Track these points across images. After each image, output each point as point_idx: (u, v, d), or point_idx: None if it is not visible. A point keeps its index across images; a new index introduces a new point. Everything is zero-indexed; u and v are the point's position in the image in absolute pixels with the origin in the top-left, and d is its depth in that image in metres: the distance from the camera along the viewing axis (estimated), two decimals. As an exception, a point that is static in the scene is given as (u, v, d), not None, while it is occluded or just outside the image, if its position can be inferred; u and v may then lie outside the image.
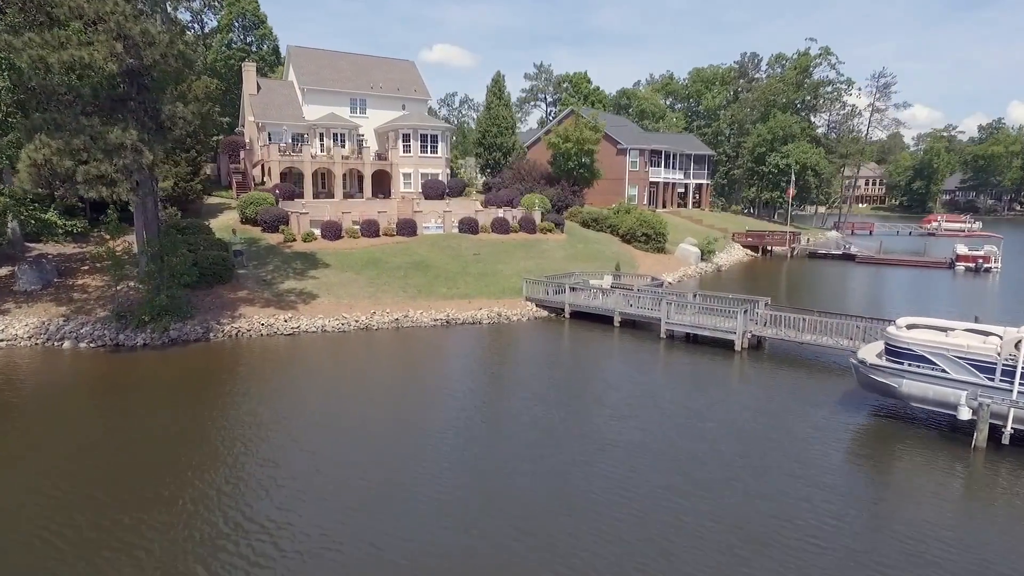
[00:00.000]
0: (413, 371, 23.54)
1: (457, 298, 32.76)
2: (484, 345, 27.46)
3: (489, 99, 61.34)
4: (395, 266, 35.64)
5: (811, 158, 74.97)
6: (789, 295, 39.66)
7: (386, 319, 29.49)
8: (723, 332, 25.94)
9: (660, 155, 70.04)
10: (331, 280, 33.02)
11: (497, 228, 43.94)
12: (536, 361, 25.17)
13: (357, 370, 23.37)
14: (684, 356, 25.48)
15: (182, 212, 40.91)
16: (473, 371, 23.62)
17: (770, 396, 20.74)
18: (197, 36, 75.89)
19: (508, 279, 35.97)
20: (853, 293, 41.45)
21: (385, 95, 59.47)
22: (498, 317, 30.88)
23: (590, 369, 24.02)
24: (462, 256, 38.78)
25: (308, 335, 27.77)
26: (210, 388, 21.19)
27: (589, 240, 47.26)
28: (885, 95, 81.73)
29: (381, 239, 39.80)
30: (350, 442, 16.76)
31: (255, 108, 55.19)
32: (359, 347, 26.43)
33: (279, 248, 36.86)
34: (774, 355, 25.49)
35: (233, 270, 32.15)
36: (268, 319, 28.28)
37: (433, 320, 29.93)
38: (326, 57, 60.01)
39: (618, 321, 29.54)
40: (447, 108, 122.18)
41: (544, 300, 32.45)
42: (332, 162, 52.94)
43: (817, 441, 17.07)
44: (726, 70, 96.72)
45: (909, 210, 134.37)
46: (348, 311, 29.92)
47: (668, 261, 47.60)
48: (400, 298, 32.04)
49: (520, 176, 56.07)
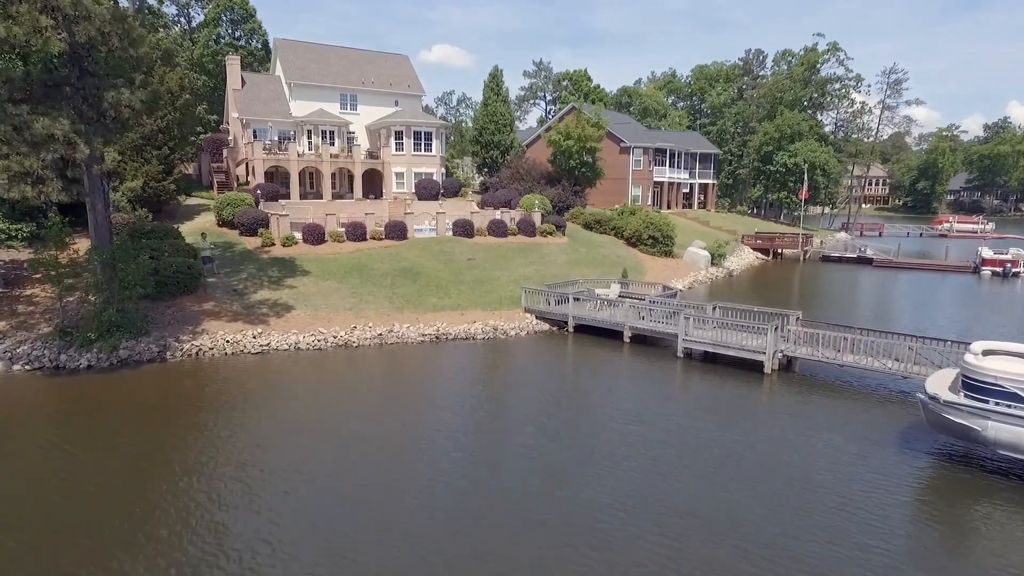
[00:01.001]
0: (394, 401, 20.06)
1: (448, 309, 29.29)
2: (477, 366, 24.00)
3: (486, 95, 57.86)
4: (381, 273, 32.17)
5: (820, 157, 71.60)
6: (809, 303, 36.19)
7: (368, 335, 26.02)
8: (750, 352, 22.48)
9: (664, 153, 66.60)
10: (310, 290, 29.56)
11: (494, 231, 40.50)
12: (536, 387, 21.68)
13: (330, 400, 19.89)
14: (706, 379, 22.03)
15: (154, 214, 37.52)
16: (463, 401, 20.14)
17: (815, 431, 17.30)
18: (184, 31, 72.50)
19: (505, 287, 32.52)
20: (877, 301, 37.98)
21: (377, 90, 56.03)
22: (494, 331, 27.41)
23: (599, 398, 20.55)
24: (455, 262, 35.32)
25: (279, 354, 24.29)
26: (157, 421, 17.71)
27: (592, 243, 43.82)
28: (896, 92, 78.27)
29: (368, 243, 36.33)
30: (315, 505, 13.30)
31: (239, 104, 51.73)
32: (335, 369, 22.95)
33: (255, 254, 33.38)
34: (808, 378, 22.03)
35: (201, 279, 28.69)
36: (235, 335, 24.81)
37: (421, 336, 26.46)
38: (315, 51, 56.53)
39: (628, 336, 26.11)
40: (444, 107, 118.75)
41: (545, 312, 29.00)
42: (320, 161, 49.52)
43: (885, 494, 13.64)
44: (730, 67, 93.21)
45: (913, 211, 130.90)
46: (326, 325, 26.46)
47: (676, 266, 44.16)
48: (385, 310, 28.57)
49: (519, 176, 52.61)
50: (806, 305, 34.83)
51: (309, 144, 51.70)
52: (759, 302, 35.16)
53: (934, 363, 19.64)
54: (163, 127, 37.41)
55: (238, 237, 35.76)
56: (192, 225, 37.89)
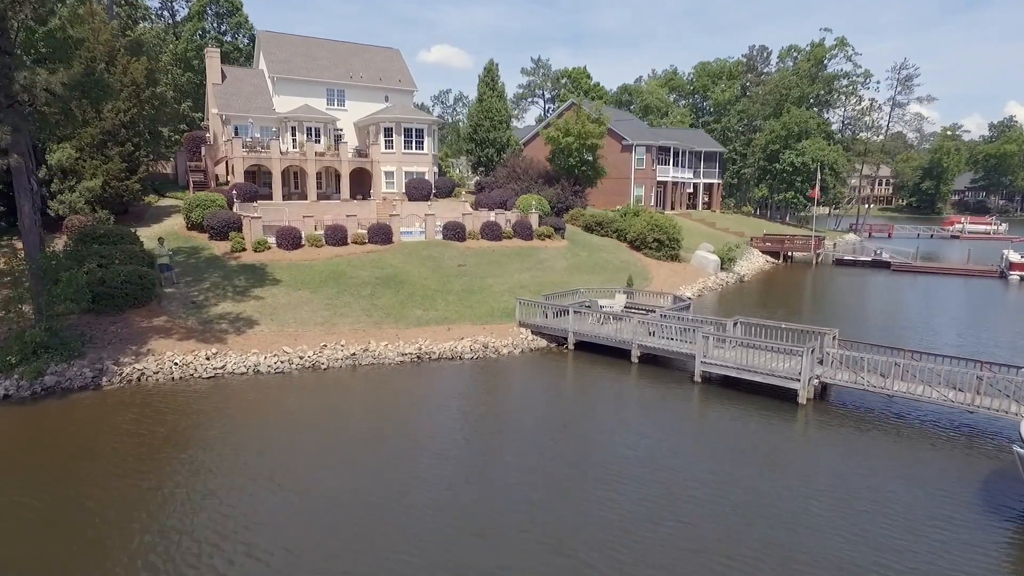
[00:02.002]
0: (364, 442, 16.57)
1: (434, 324, 25.81)
2: (462, 393, 20.51)
3: (481, 90, 54.35)
4: (361, 282, 28.70)
5: (829, 156, 68.09)
6: (834, 314, 32.75)
7: (340, 355, 22.52)
8: (780, 377, 19.00)
9: (668, 152, 63.14)
10: (278, 301, 26.08)
11: (487, 234, 37.02)
12: (531, 422, 18.18)
13: (289, 440, 16.40)
14: (729, 410, 18.56)
15: (117, 216, 34.07)
16: (444, 441, 16.67)
17: (876, 481, 13.83)
18: (168, 25, 69.00)
19: (498, 297, 29.06)
20: (906, 310, 34.47)
21: (366, 85, 52.51)
22: (484, 349, 23.92)
23: (606, 436, 17.05)
24: (444, 268, 31.85)
25: (235, 379, 20.81)
26: (78, 467, 14.23)
27: (593, 247, 40.35)
28: (907, 88, 74.74)
29: (349, 248, 32.85)
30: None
31: (218, 99, 48.24)
32: (299, 398, 19.47)
33: (223, 260, 29.91)
34: (849, 410, 18.58)
35: (155, 289, 25.21)
36: (185, 356, 21.33)
37: (401, 355, 22.96)
38: (300, 43, 53.03)
39: (637, 356, 22.64)
40: (441, 106, 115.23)
41: (542, 326, 25.50)
42: (305, 159, 46.00)
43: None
44: (734, 64, 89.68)
45: (918, 211, 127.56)
46: (293, 343, 22.98)
47: (684, 271, 40.69)
48: (362, 324, 25.08)
49: (515, 175, 49.14)
50: (829, 316, 31.44)
51: (293, 142, 48.27)
52: (779, 313, 31.82)
53: (1007, 394, 16.23)
54: (126, 121, 33.92)
55: (207, 241, 32.31)
56: (160, 228, 34.46)
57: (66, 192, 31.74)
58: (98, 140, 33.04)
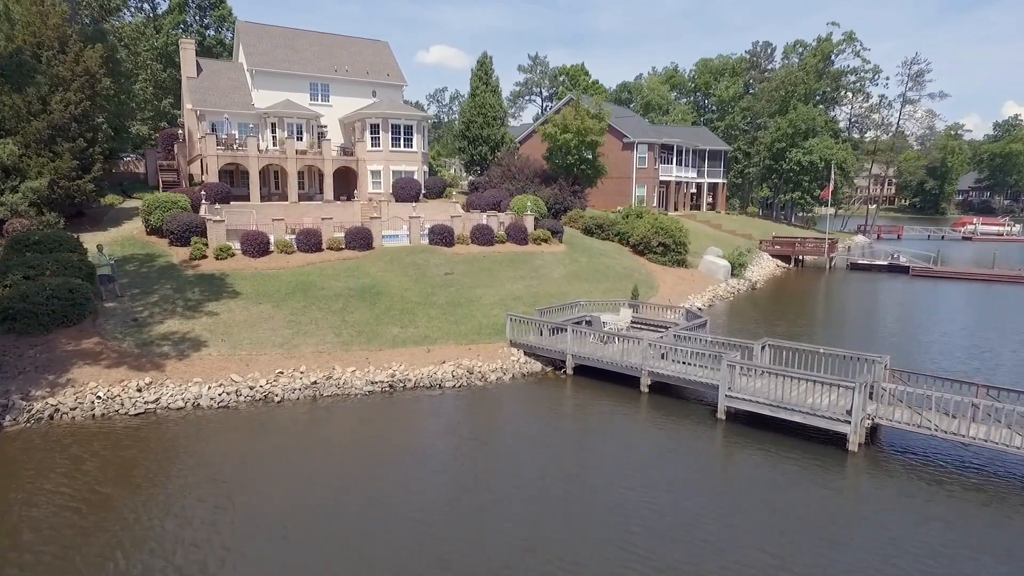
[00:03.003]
0: (318, 504, 12.95)
1: (412, 344, 22.18)
2: (439, 434, 16.87)
3: (474, 84, 50.69)
4: (333, 294, 25.08)
5: (838, 154, 64.56)
6: (863, 329, 29.25)
7: (299, 384, 18.90)
8: (825, 418, 15.41)
9: (671, 150, 59.53)
10: (235, 317, 22.46)
11: (478, 238, 33.40)
12: (520, 474, 14.56)
13: (224, 500, 12.79)
14: (762, 457, 14.97)
15: (69, 220, 30.51)
16: (414, 503, 13.05)
17: (972, 562, 10.31)
18: (148, 18, 65.27)
19: (488, 311, 25.47)
20: (943, 324, 30.71)
21: (352, 79, 48.85)
22: (469, 376, 20.29)
23: (612, 493, 13.42)
24: (428, 277, 28.25)
25: (170, 415, 17.20)
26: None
27: (593, 252, 36.75)
28: (918, 84, 71.13)
29: (324, 254, 29.24)
30: None
31: (193, 93, 44.60)
32: (241, 442, 15.86)
33: (179, 269, 26.30)
34: (908, 458, 15.00)
35: (90, 305, 21.59)
36: (112, 387, 17.73)
37: (370, 384, 19.33)
38: (282, 35, 49.37)
39: (647, 384, 19.05)
40: (437, 104, 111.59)
41: (536, 347, 21.87)
42: (285, 157, 42.42)
43: None
44: (736, 60, 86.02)
45: (921, 211, 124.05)
46: (244, 369, 19.37)
47: (692, 278, 37.10)
48: (329, 345, 21.46)
49: (510, 174, 45.51)
50: (860, 331, 27.92)
51: (273, 139, 44.66)
52: (801, 326, 28.32)
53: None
54: (78, 115, 30.27)
55: (167, 248, 28.69)
56: (117, 233, 30.85)
57: (7, 193, 28.12)
58: (46, 135, 29.42)
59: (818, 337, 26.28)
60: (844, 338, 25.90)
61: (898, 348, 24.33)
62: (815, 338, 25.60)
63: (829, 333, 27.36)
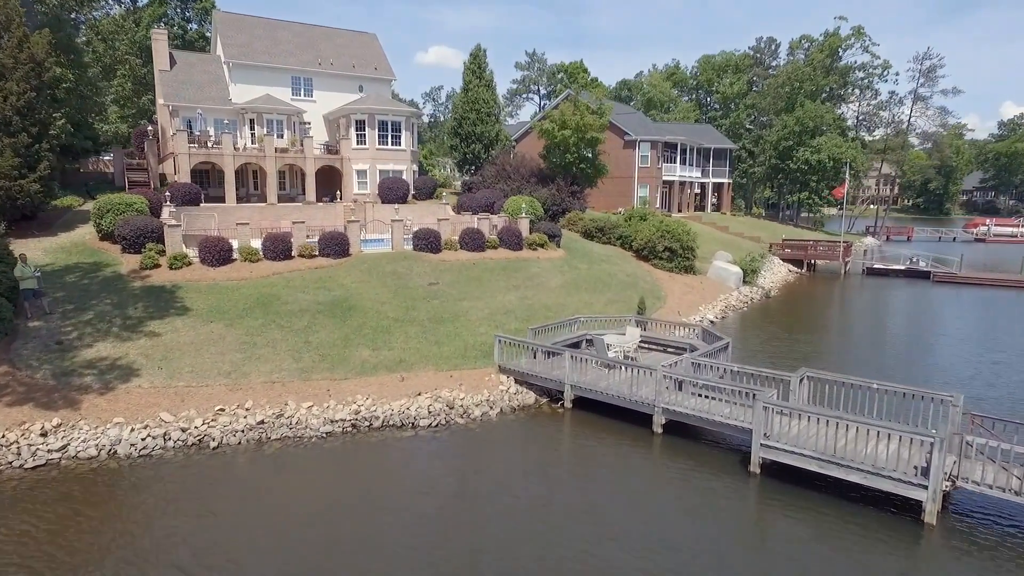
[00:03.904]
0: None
1: (384, 370, 18.77)
2: (413, 492, 13.44)
3: (467, 78, 47.25)
4: (298, 309, 21.68)
5: (847, 153, 61.25)
6: (905, 351, 25.93)
7: (242, 424, 15.51)
8: (891, 478, 12.02)
9: (675, 149, 56.13)
10: (179, 339, 19.06)
11: (468, 243, 30.00)
12: (506, 556, 11.21)
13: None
14: (809, 528, 11.61)
15: (12, 224, 27.07)
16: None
17: None
18: (127, 10, 61.81)
19: (475, 328, 22.10)
20: (995, 342, 27.42)
21: (337, 73, 45.44)
22: (448, 411, 16.89)
23: (621, 571, 10.10)
24: (410, 288, 24.86)
25: (75, 467, 13.81)
26: None
27: (594, 257, 33.37)
28: (931, 80, 67.72)
29: (293, 263, 25.84)
30: None
31: (165, 87, 41.21)
32: (153, 508, 12.47)
33: (127, 280, 22.88)
34: (1002, 531, 11.66)
35: (6, 325, 18.21)
36: (8, 431, 14.34)
37: (329, 423, 15.94)
38: (262, 26, 45.95)
39: (661, 424, 15.68)
40: (433, 103, 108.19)
41: (529, 373, 18.46)
42: (263, 156, 39.04)
43: None
44: (740, 56, 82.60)
45: (925, 212, 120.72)
46: (177, 405, 15.99)
47: (701, 286, 33.73)
48: (285, 373, 18.06)
49: (505, 173, 42.09)
50: (900, 353, 24.56)
51: (252, 136, 41.27)
52: (831, 343, 24.96)
53: None
54: (20, 107, 26.87)
55: (119, 255, 25.29)
56: (68, 238, 27.45)
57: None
58: None
59: (853, 360, 22.94)
60: (885, 362, 22.57)
61: (951, 375, 21.03)
62: (849, 360, 22.29)
63: (864, 355, 23.92)
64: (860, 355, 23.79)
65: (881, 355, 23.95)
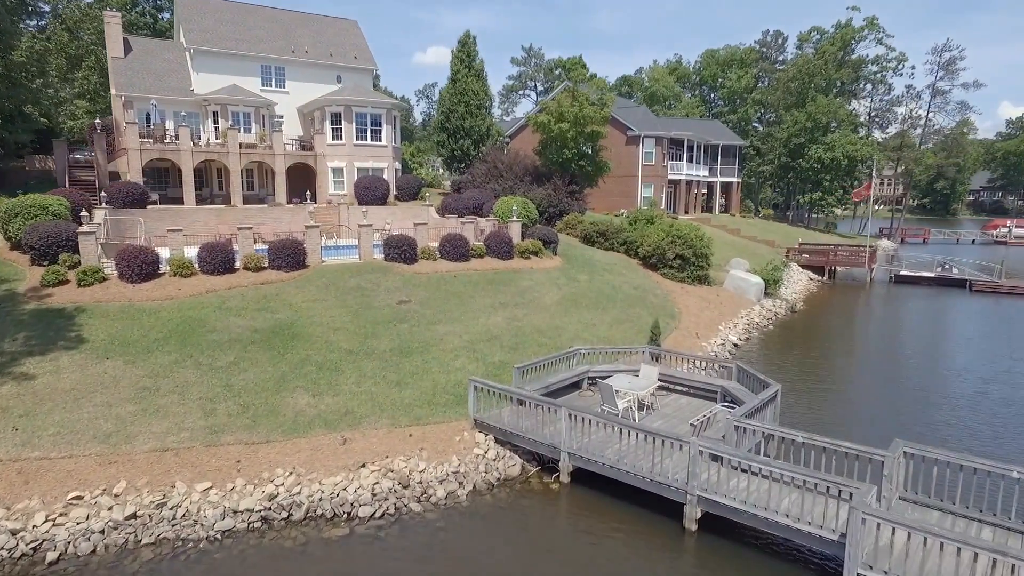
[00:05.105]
0: None
1: (322, 426, 14.00)
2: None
3: (455, 68, 42.44)
4: (227, 339, 16.93)
5: (863, 150, 56.50)
6: (988, 387, 21.16)
7: (103, 521, 10.76)
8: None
9: (681, 146, 51.37)
10: (57, 384, 14.31)
11: (449, 252, 25.23)
12: None
13: None
14: None
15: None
16: None
17: None
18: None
19: (449, 362, 17.36)
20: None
21: (312, 61, 40.66)
22: (401, 491, 12.12)
23: None
24: (374, 308, 20.10)
25: None
26: None
27: (595, 266, 28.64)
28: (950, 74, 62.87)
29: (236, 276, 21.07)
30: None
31: (118, 76, 36.46)
32: None
33: (21, 300, 18.12)
34: None
35: None
36: None
37: (230, 515, 11.18)
38: (229, 9, 41.13)
39: (696, 516, 10.95)
40: (426, 100, 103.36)
41: (513, 432, 13.70)
42: (226, 152, 34.30)
43: None
44: (745, 51, 77.75)
45: (932, 212, 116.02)
46: (16, 491, 11.23)
47: (719, 299, 28.98)
48: (186, 435, 13.28)
49: (497, 172, 37.35)
50: (993, 398, 19.69)
51: (216, 131, 36.50)
52: (893, 379, 20.11)
53: None
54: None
55: (27, 267, 20.54)
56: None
57: None
58: None
59: (937, 407, 18.07)
60: (979, 416, 17.66)
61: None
62: (935, 409, 17.48)
63: (954, 403, 19.04)
64: (944, 401, 18.84)
65: (975, 406, 18.70)
